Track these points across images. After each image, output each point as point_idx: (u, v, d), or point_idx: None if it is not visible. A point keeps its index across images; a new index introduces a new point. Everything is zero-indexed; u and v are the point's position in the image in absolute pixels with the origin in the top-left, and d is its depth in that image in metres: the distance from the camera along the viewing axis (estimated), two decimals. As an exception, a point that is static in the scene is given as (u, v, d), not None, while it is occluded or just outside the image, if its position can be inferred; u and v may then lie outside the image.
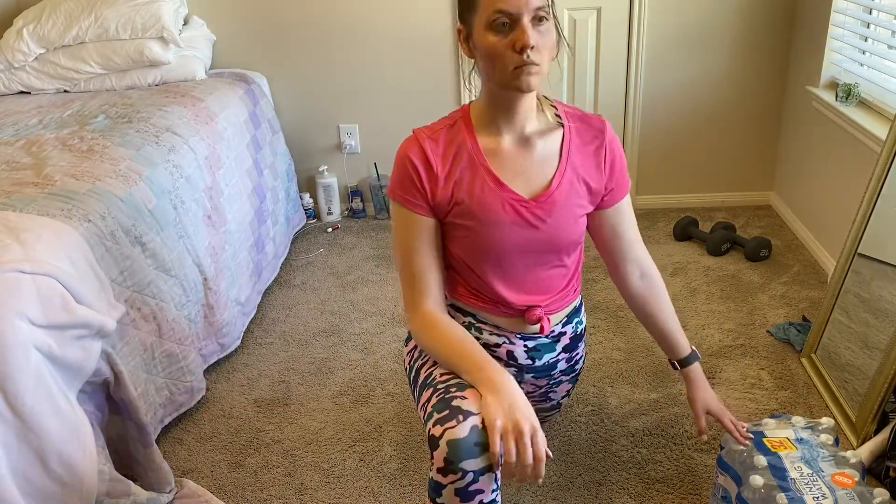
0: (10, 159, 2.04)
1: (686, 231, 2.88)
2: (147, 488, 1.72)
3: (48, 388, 1.47)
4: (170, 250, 2.02)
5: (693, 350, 1.64)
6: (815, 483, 1.36)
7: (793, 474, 1.39)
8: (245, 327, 2.43)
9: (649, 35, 2.92)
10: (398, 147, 1.42)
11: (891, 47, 2.29)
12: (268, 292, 2.69)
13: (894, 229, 1.87)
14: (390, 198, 1.43)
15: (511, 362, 1.54)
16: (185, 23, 2.94)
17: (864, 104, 2.40)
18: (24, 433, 1.43)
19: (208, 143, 2.40)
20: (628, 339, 2.30)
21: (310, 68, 3.07)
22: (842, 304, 2.01)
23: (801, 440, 1.48)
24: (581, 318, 1.63)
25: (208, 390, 2.16)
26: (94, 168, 1.96)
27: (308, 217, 3.24)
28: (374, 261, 2.88)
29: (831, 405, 1.94)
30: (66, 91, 2.80)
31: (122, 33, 2.69)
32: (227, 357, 2.31)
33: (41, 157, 2.04)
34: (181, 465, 1.90)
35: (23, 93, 2.81)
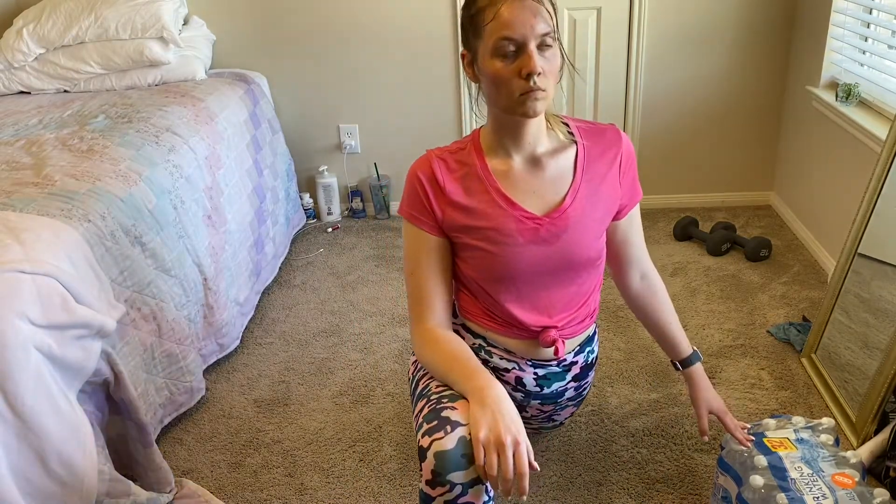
0: (10, 159, 2.04)
1: (686, 231, 2.88)
2: (147, 488, 1.72)
3: (48, 388, 1.47)
4: (170, 250, 2.02)
5: (694, 350, 1.64)
6: (815, 483, 1.36)
7: (793, 474, 1.39)
8: (244, 327, 2.42)
9: (649, 35, 2.92)
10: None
11: (891, 47, 2.29)
12: (268, 292, 2.69)
13: (894, 229, 1.87)
14: (401, 215, 1.42)
15: (519, 388, 1.53)
16: (185, 23, 2.94)
17: (864, 104, 2.40)
18: (24, 433, 1.43)
19: (208, 143, 2.40)
20: (628, 339, 2.30)
21: (310, 68, 3.08)
22: (842, 304, 2.01)
23: (801, 440, 1.48)
24: (593, 348, 1.61)
25: (208, 390, 2.16)
26: (94, 168, 1.96)
27: (308, 217, 3.24)
28: (374, 261, 2.88)
29: (831, 405, 1.94)
30: (66, 91, 2.80)
31: (122, 33, 2.69)
32: (227, 357, 2.31)
33: (41, 157, 2.04)
34: (181, 465, 1.90)
35: (23, 93, 2.81)
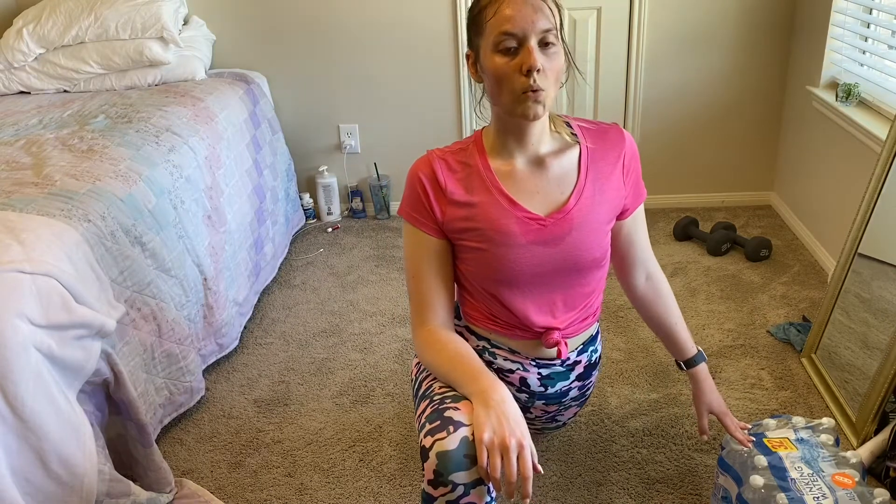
0: (10, 159, 2.04)
1: (686, 231, 2.88)
2: (147, 488, 1.72)
3: (48, 388, 1.47)
4: (170, 250, 2.02)
5: (699, 350, 1.64)
6: (815, 483, 1.36)
7: (793, 474, 1.39)
8: (243, 327, 2.43)
9: (649, 35, 2.92)
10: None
11: (891, 47, 2.29)
12: (268, 292, 2.69)
13: (894, 229, 1.87)
14: (401, 216, 1.42)
15: (523, 388, 1.53)
16: (185, 23, 2.94)
17: (864, 104, 2.40)
18: (24, 433, 1.43)
19: (208, 143, 2.40)
20: (628, 339, 2.30)
21: (310, 68, 3.08)
22: (842, 304, 2.01)
23: (801, 440, 1.48)
24: (596, 347, 1.61)
25: (208, 390, 2.16)
26: (93, 168, 1.96)
27: (308, 217, 3.24)
28: (374, 261, 2.88)
29: (831, 405, 1.94)
30: (66, 91, 2.80)
31: (121, 33, 2.70)
32: (227, 357, 2.31)
33: (41, 157, 2.04)
34: (181, 465, 1.90)
35: (23, 93, 2.81)
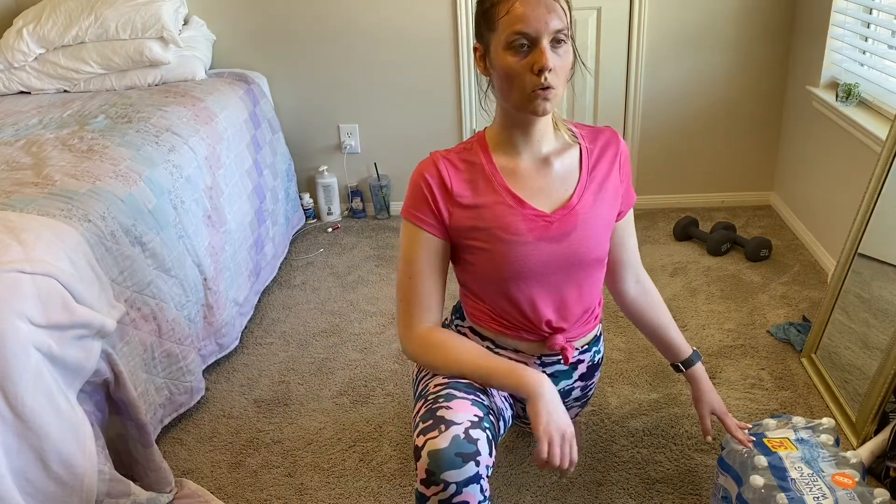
0: (10, 159, 2.04)
1: (686, 231, 2.88)
2: (147, 488, 1.72)
3: (48, 388, 1.47)
4: (170, 250, 2.02)
5: (694, 350, 1.64)
6: (815, 483, 1.36)
7: (793, 474, 1.39)
8: (243, 327, 2.43)
9: (649, 35, 2.92)
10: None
11: (891, 47, 2.29)
12: (268, 292, 2.69)
13: (894, 229, 1.87)
14: (403, 217, 1.41)
15: None
16: (185, 23, 2.94)
17: (864, 104, 2.40)
18: (24, 433, 1.43)
19: (208, 143, 2.40)
20: (628, 339, 2.30)
21: (310, 68, 3.08)
22: (842, 304, 2.01)
23: (801, 440, 1.48)
24: (599, 348, 1.61)
25: (208, 390, 2.16)
26: (94, 168, 1.96)
27: (308, 217, 3.24)
28: (374, 261, 2.88)
29: (831, 405, 1.94)
30: (66, 91, 2.80)
31: (121, 33, 2.69)
32: (227, 357, 2.31)
33: (41, 157, 2.04)
34: (181, 465, 1.90)
35: (23, 93, 2.81)
